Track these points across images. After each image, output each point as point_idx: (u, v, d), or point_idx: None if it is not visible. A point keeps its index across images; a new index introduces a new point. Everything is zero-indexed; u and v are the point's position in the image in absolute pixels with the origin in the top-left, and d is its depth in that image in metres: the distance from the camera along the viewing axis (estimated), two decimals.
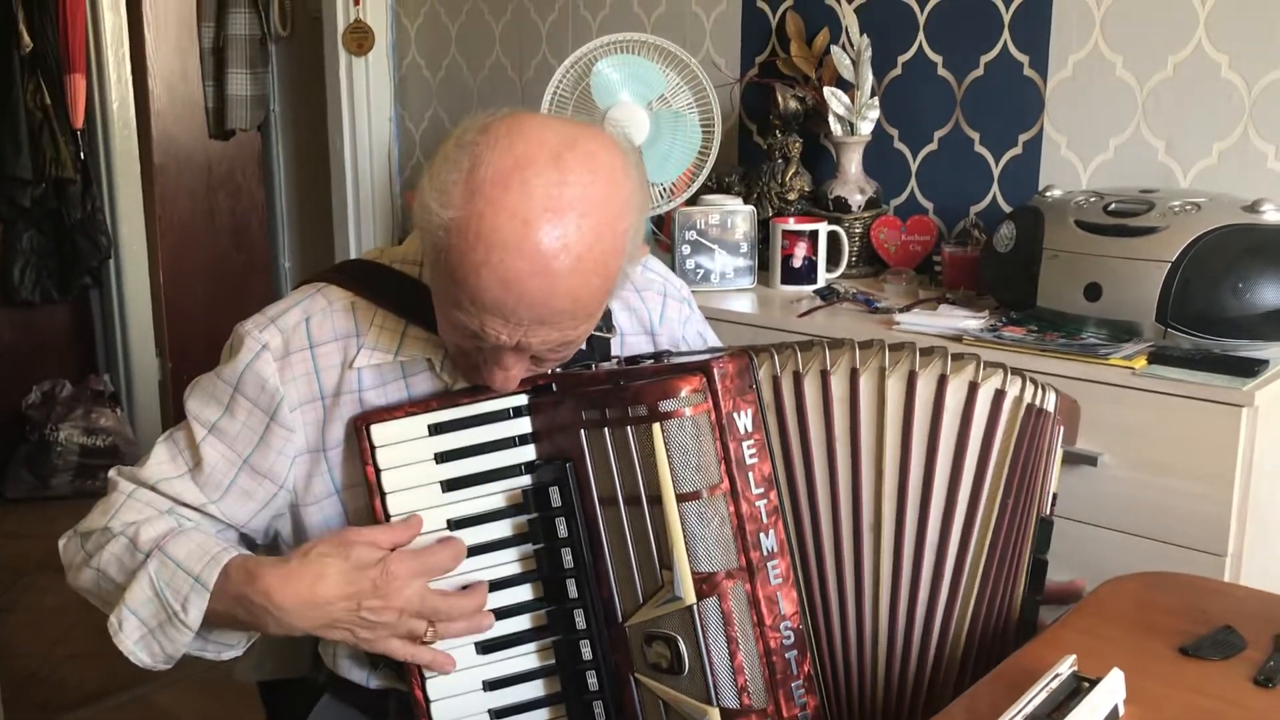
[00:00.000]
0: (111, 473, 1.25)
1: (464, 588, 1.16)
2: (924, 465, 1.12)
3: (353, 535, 1.13)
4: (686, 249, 2.15)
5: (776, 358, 1.13)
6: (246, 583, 1.11)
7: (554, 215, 1.01)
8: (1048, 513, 1.18)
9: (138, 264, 4.27)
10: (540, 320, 1.05)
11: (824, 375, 1.13)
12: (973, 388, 1.12)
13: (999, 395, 1.12)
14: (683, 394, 1.07)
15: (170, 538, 1.16)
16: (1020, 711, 0.91)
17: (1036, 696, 0.93)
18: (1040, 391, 1.15)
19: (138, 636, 1.15)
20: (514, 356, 1.11)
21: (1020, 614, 1.17)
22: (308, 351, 1.20)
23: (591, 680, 1.16)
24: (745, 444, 1.09)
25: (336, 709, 1.30)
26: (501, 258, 1.01)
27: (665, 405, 1.07)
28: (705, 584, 1.08)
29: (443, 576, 1.15)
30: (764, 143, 2.40)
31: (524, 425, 1.18)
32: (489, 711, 1.17)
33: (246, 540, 1.25)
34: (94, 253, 4.11)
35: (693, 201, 2.25)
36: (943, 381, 1.12)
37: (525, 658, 1.18)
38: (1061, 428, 1.17)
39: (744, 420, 1.10)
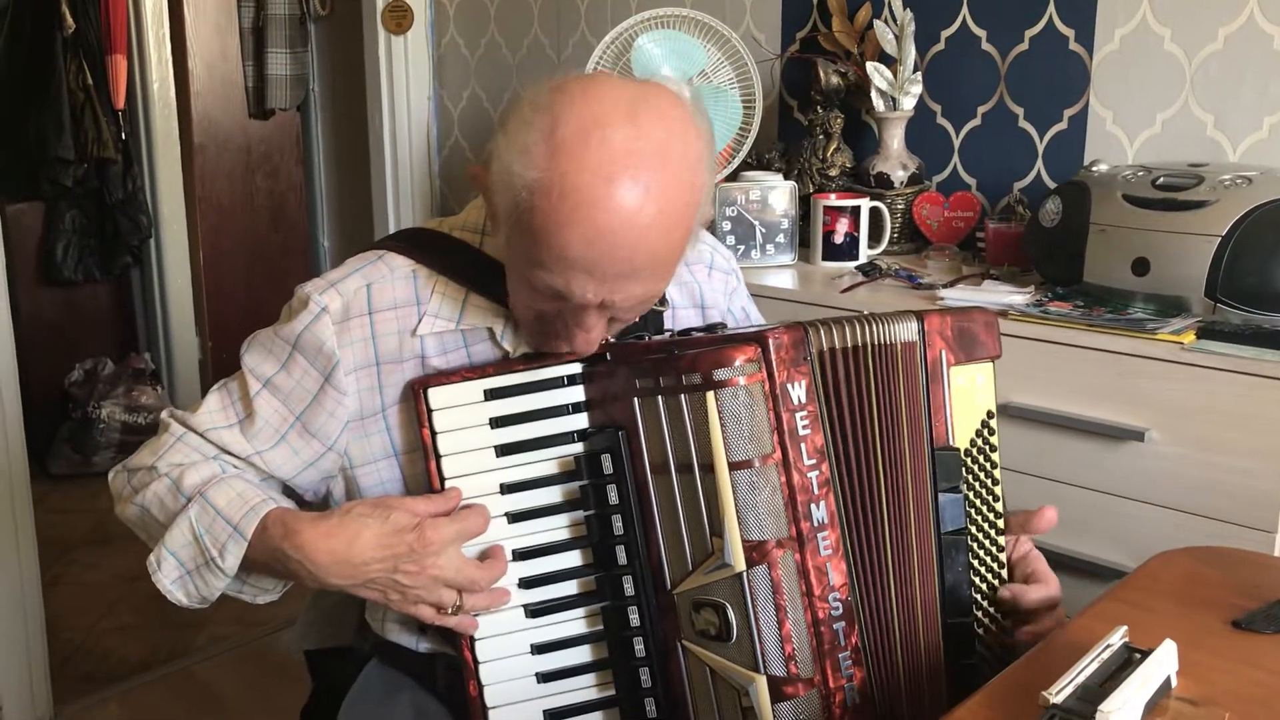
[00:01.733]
0: (164, 413, 1.27)
1: (481, 557, 1.17)
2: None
3: (393, 501, 1.15)
4: (727, 225, 2.14)
5: (824, 331, 1.13)
6: (283, 537, 1.13)
7: (635, 170, 1.03)
8: (952, 441, 1.17)
9: (178, 243, 4.31)
10: (625, 275, 1.06)
11: (873, 350, 1.13)
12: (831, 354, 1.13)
13: (832, 353, 1.13)
14: (737, 363, 1.07)
15: (212, 484, 1.18)
16: (1072, 681, 0.90)
17: (1088, 667, 0.93)
18: (879, 326, 1.14)
19: (175, 576, 1.18)
20: (596, 315, 1.12)
21: (936, 555, 1.16)
22: (366, 317, 1.21)
23: (638, 646, 1.17)
24: (798, 415, 1.09)
25: (383, 674, 1.32)
26: (588, 214, 1.02)
27: (720, 374, 1.07)
28: (755, 552, 1.08)
29: (476, 541, 1.16)
30: (805, 119, 2.38)
31: (577, 393, 1.19)
32: (536, 674, 1.18)
33: (291, 493, 1.26)
34: (135, 232, 4.16)
35: (733, 178, 2.24)
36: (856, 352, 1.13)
37: (573, 623, 1.19)
38: (944, 350, 1.16)
39: (797, 391, 1.10)
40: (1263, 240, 1.58)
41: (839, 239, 2.12)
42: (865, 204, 2.13)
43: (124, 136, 4.06)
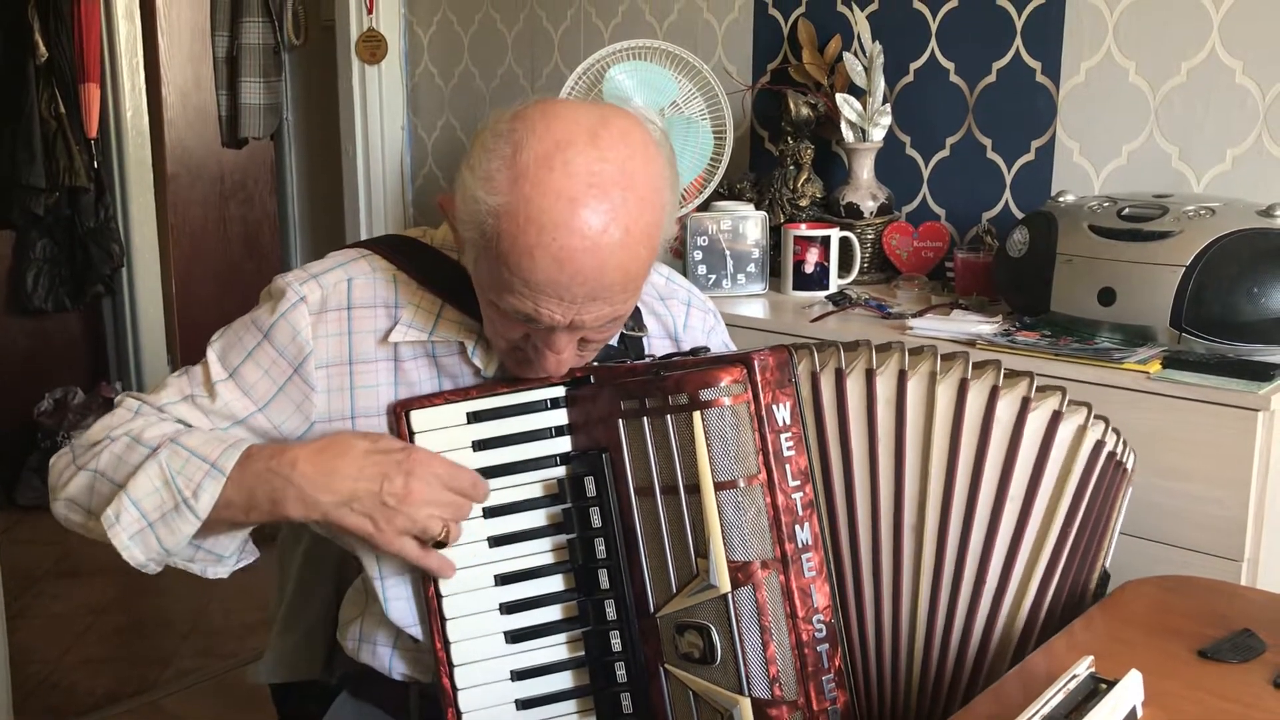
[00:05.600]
0: (119, 395, 1.24)
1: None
2: (970, 474, 1.13)
3: (383, 435, 1.17)
4: (698, 255, 2.15)
5: (816, 355, 1.13)
6: (274, 455, 1.12)
7: (599, 191, 1.04)
8: (1107, 566, 1.20)
9: (150, 272, 4.29)
10: (593, 296, 1.07)
11: (869, 374, 1.13)
12: (1025, 403, 1.13)
13: (1055, 416, 1.13)
14: (723, 384, 1.08)
15: (183, 433, 1.16)
16: (1038, 712, 0.90)
17: (1054, 697, 0.93)
18: (1120, 443, 1.17)
19: (135, 530, 1.12)
20: (566, 337, 1.12)
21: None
22: (345, 312, 1.21)
23: (619, 671, 1.16)
24: (783, 436, 1.10)
25: (353, 707, 1.30)
26: (553, 237, 1.03)
27: (706, 394, 1.08)
28: (740, 573, 1.08)
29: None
30: (776, 149, 2.40)
31: (561, 417, 1.19)
32: (516, 702, 1.17)
33: None
34: (106, 261, 4.13)
35: (704, 208, 2.25)
36: (994, 393, 1.13)
37: (555, 648, 1.18)
38: (1131, 488, 1.19)
39: (782, 413, 1.10)
40: (1226, 270, 1.59)
41: (809, 269, 2.13)
42: (835, 234, 2.14)
43: (96, 165, 4.04)
